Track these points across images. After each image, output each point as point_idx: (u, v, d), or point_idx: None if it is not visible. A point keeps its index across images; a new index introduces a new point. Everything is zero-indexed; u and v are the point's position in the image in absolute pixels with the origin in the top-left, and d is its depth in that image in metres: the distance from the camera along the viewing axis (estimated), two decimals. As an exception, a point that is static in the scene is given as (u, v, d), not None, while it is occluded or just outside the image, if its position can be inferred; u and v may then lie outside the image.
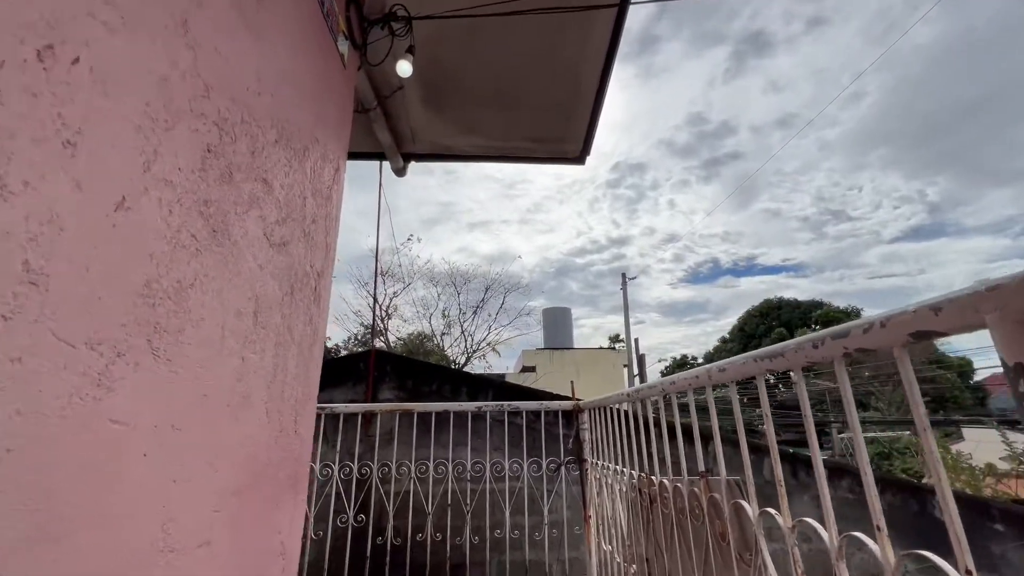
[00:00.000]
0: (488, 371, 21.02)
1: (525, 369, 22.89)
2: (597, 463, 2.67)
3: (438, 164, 3.86)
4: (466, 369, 19.83)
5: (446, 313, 19.76)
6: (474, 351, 19.64)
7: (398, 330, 20.66)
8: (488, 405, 3.05)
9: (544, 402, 3.10)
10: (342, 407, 2.99)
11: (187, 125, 0.99)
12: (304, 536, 2.82)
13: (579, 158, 3.59)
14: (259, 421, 1.32)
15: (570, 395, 3.96)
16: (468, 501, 2.87)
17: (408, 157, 3.46)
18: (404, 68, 2.20)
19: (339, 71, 1.95)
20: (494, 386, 4.06)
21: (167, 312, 0.93)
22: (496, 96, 3.05)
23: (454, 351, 19.76)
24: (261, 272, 1.32)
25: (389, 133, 3.07)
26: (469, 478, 2.94)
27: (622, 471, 2.18)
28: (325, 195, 1.81)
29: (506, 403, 3.07)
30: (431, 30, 2.47)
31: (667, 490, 1.65)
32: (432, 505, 2.85)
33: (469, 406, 3.04)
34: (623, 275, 22.16)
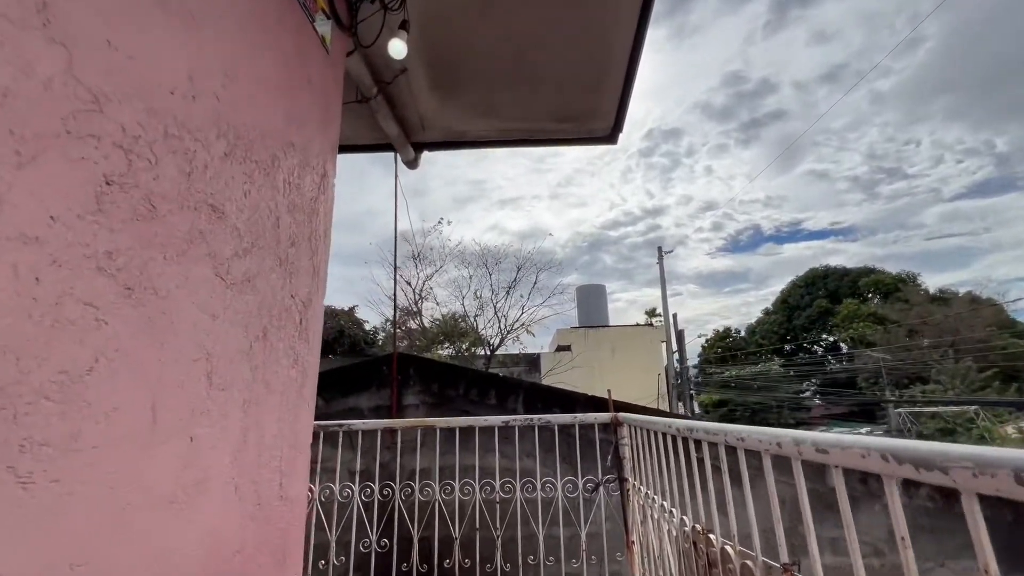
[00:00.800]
0: (523, 351, 20.91)
1: (560, 348, 22.65)
2: (640, 488, 2.37)
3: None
4: (500, 351, 19.80)
5: (478, 294, 19.65)
6: (508, 332, 19.54)
7: (432, 313, 20.77)
8: (516, 419, 2.78)
9: (578, 415, 2.81)
10: (360, 424, 2.79)
11: (62, 153, 0.71)
12: (327, 563, 2.68)
13: (610, 136, 3.18)
14: (224, 504, 1.08)
15: (606, 397, 3.65)
16: (498, 525, 2.65)
17: (420, 147, 3.15)
18: (397, 48, 1.87)
19: (320, 58, 1.65)
20: (524, 389, 3.79)
21: (43, 420, 0.68)
22: (514, 73, 2.68)
23: (488, 332, 19.72)
24: (215, 322, 1.06)
25: (396, 123, 2.76)
26: (498, 499, 2.70)
27: (671, 511, 1.88)
28: (308, 209, 1.54)
29: (536, 416, 2.79)
30: (434, 3, 2.12)
31: (732, 562, 1.33)
32: (459, 528, 2.64)
33: (495, 420, 2.78)
34: (659, 249, 21.35)
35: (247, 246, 1.19)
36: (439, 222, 21.10)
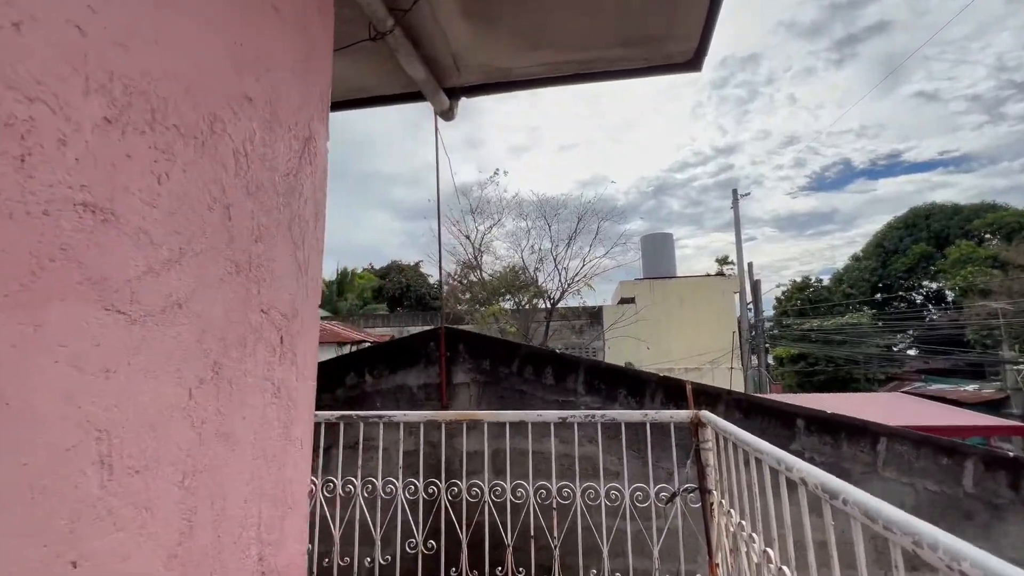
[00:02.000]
0: (584, 305, 20.39)
1: (623, 301, 21.89)
2: (728, 510, 1.92)
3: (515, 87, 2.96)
4: (560, 304, 19.41)
5: (536, 247, 19.13)
6: (568, 285, 19.03)
7: (492, 266, 20.65)
8: (575, 416, 2.37)
9: (649, 413, 2.35)
10: (401, 416, 2.52)
11: None
12: (372, 562, 2.52)
13: (692, 62, 2.49)
14: (155, 627, 0.77)
15: (682, 380, 3.15)
16: (556, 534, 2.33)
17: (455, 93, 2.64)
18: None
19: (291, -29, 1.19)
20: (585, 368, 3.37)
21: None
22: (566, -16, 2.07)
23: (549, 285, 19.33)
24: (109, 381, 0.71)
25: (422, 64, 2.26)
26: (555, 505, 2.36)
27: (775, 559, 1.42)
28: (285, 188, 1.14)
29: (598, 413, 2.37)
30: None
31: None
32: (512, 535, 2.36)
33: (550, 416, 2.40)
34: (734, 191, 19.47)
35: (170, 255, 0.82)
36: (495, 173, 20.43)
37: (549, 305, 19.36)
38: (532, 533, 2.34)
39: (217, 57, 0.94)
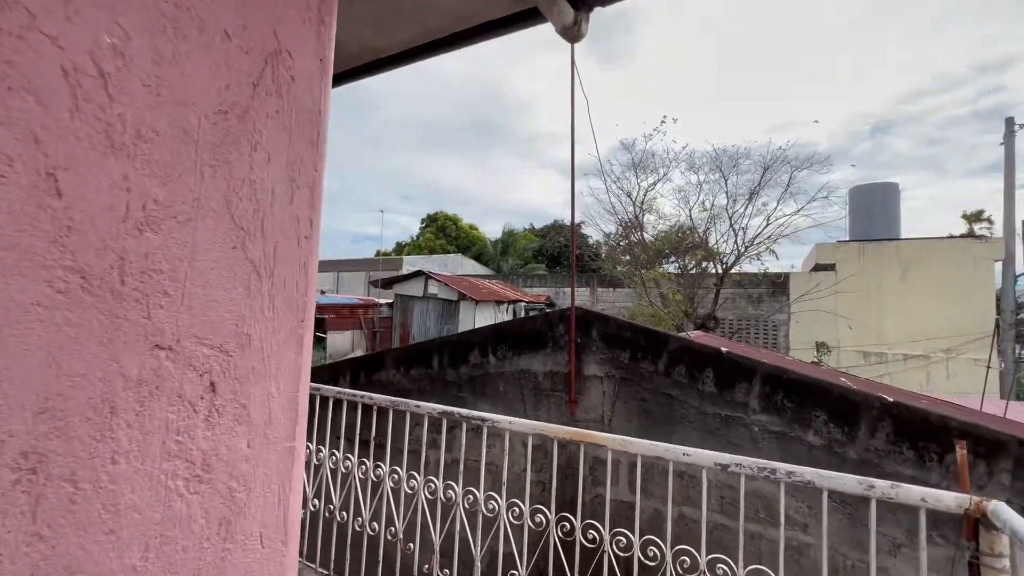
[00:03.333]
0: (765, 271, 17.42)
1: (819, 267, 18.15)
2: None
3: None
4: (735, 269, 16.89)
5: (706, 205, 16.83)
6: (746, 247, 16.38)
7: (655, 226, 19.00)
8: (743, 465, 1.60)
9: (876, 484, 1.44)
10: (506, 423, 2.07)
11: None
12: (470, 584, 2.19)
13: None
14: None
15: (939, 413, 2.05)
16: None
17: (583, 3, 1.92)
18: None
19: None
20: (763, 377, 2.45)
21: None
22: None
23: (721, 248, 16.94)
24: None
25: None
26: (703, 582, 1.68)
27: None
28: (216, 138, 0.68)
29: (782, 468, 1.55)
30: None
31: None
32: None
33: (704, 458, 1.67)
34: (1008, 121, 14.01)
35: None
36: (662, 121, 18.29)
37: (720, 270, 17.02)
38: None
39: None
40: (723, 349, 2.55)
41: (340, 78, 2.63)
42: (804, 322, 16.39)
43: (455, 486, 2.19)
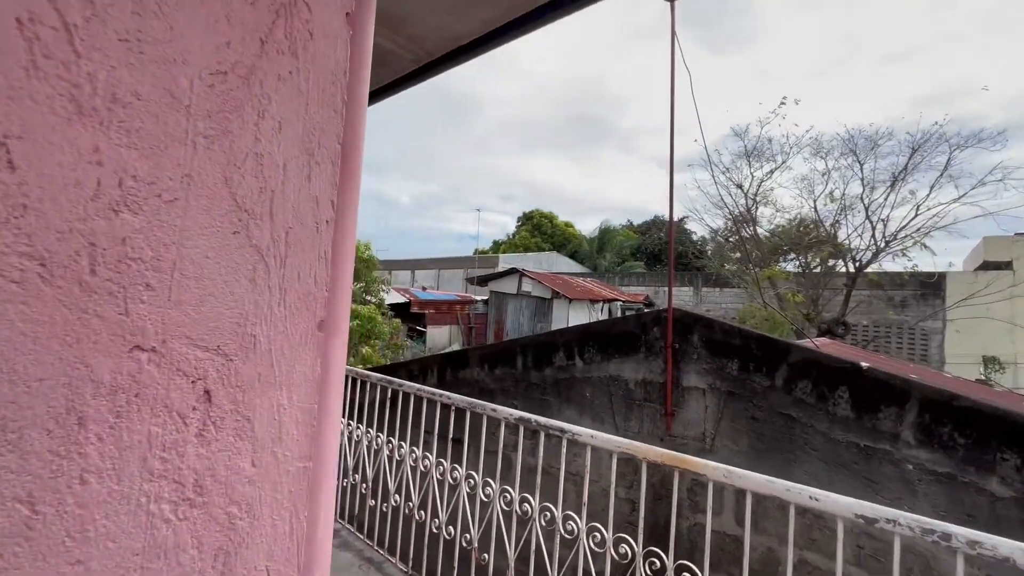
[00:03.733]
0: (911, 269, 14.76)
1: (987, 266, 15.04)
2: None
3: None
4: (871, 267, 14.55)
5: (835, 195, 14.76)
6: (887, 242, 14.01)
7: (772, 220, 17.18)
8: (900, 523, 1.22)
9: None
10: (586, 437, 1.86)
11: None
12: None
13: None
14: None
15: None
16: None
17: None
18: None
19: None
20: (920, 401, 1.94)
21: None
22: None
23: (854, 242, 14.70)
24: None
25: None
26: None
27: None
28: (212, 103, 0.58)
29: (961, 534, 1.15)
30: None
31: None
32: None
33: (841, 507, 1.30)
34: None
35: None
36: (781, 103, 16.33)
37: (853, 268, 14.78)
38: None
39: None
40: (863, 364, 2.07)
41: (422, 72, 2.59)
42: (966, 331, 13.68)
43: (532, 500, 2.03)
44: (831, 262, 15.61)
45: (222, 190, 0.60)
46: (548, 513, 1.97)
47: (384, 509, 2.68)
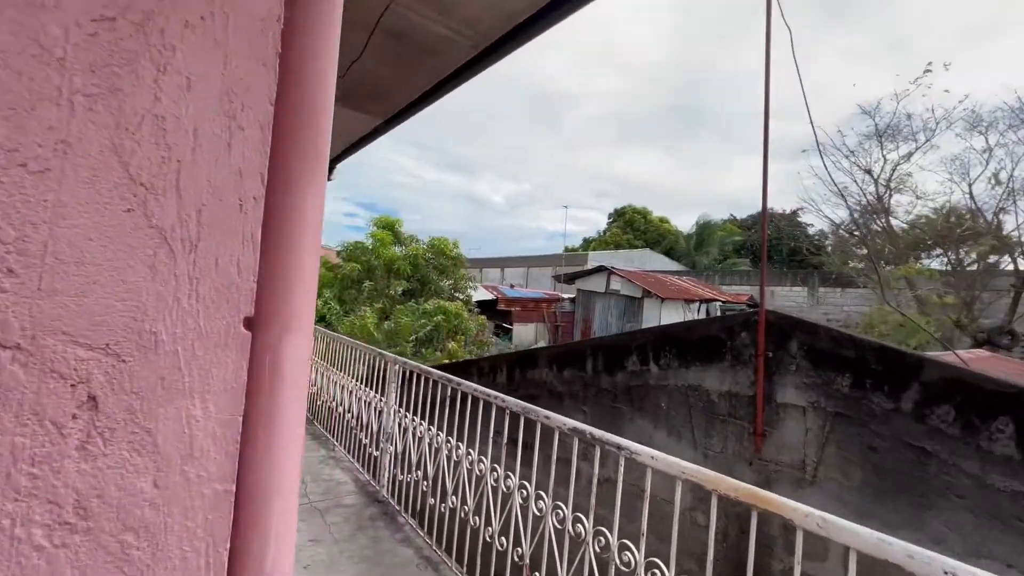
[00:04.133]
0: (1113, 267, 11.63)
1: None
2: None
3: None
4: (1054, 266, 11.75)
5: (1000, 177, 12.27)
6: (1075, 233, 11.27)
7: (912, 209, 14.78)
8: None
9: None
10: (647, 458, 1.60)
11: None
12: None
13: None
14: None
15: None
16: None
17: None
18: None
19: None
20: None
21: None
22: None
23: (1024, 235, 12.04)
24: None
25: None
26: None
27: None
28: (96, 56, 0.48)
29: None
30: None
31: None
32: None
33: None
34: None
35: None
36: (927, 70, 13.77)
37: (1023, 266, 12.08)
38: None
39: None
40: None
41: (483, 57, 2.48)
42: None
43: (584, 521, 1.82)
44: (992, 258, 12.97)
45: (110, 159, 0.50)
46: (602, 539, 1.74)
47: (442, 509, 2.63)
